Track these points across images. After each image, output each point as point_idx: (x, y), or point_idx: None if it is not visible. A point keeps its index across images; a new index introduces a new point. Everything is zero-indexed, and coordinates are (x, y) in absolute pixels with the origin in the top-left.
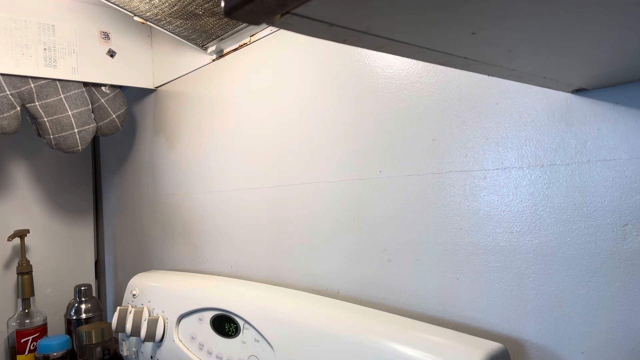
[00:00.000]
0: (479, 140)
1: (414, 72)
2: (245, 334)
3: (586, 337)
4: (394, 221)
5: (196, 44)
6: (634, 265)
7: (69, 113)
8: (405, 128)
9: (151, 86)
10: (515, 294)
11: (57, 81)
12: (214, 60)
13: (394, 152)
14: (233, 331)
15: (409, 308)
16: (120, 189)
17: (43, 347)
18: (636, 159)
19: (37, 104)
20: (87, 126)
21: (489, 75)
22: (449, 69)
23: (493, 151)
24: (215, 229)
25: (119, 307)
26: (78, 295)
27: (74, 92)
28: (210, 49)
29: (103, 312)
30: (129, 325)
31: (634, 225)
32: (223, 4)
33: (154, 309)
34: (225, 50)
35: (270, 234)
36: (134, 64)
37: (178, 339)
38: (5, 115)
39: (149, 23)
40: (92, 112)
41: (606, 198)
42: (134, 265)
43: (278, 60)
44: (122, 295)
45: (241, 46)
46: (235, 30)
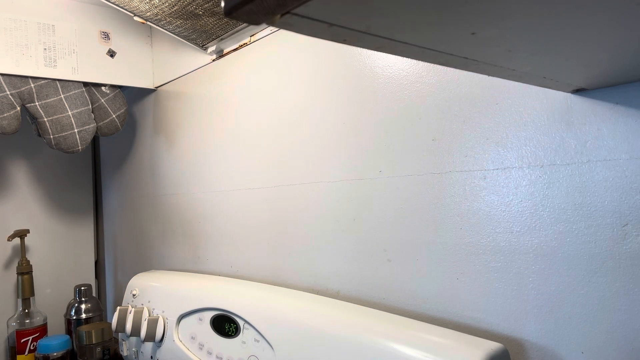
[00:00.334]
0: (479, 140)
1: (414, 72)
2: (245, 334)
3: (586, 337)
4: (394, 221)
5: (196, 44)
6: (634, 265)
7: (69, 113)
8: (405, 128)
9: (151, 86)
10: (515, 294)
11: (57, 81)
12: (214, 60)
13: (394, 152)
14: (233, 331)
15: (409, 308)
16: (120, 189)
17: (43, 347)
18: (636, 159)
19: (37, 104)
20: (87, 126)
21: (489, 75)
22: (449, 69)
23: (493, 151)
24: (215, 229)
25: (119, 307)
26: (78, 295)
27: (74, 92)
28: (210, 49)
29: (103, 312)
30: (129, 325)
31: (634, 225)
32: (223, 4)
33: (154, 309)
34: (225, 50)
35: (270, 234)
36: (134, 64)
37: (178, 339)
38: (5, 115)
39: (149, 23)
40: (92, 112)
41: (606, 198)
42: (134, 265)
43: (278, 61)
44: (122, 295)
45: (241, 46)
46: (235, 30)
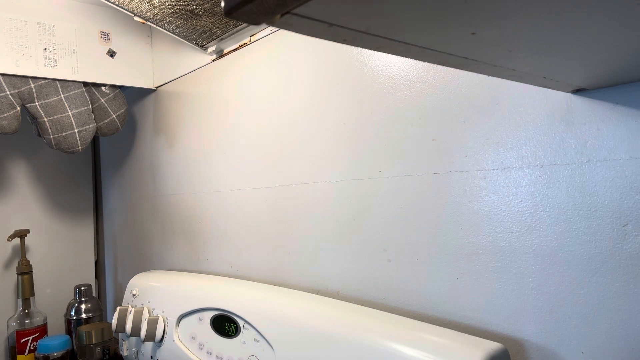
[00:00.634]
0: (479, 140)
1: (414, 72)
2: (245, 334)
3: (586, 337)
4: (394, 221)
5: (196, 44)
6: (634, 265)
7: (69, 113)
8: (406, 128)
9: (151, 86)
10: (515, 294)
11: (57, 81)
12: (214, 60)
13: (394, 152)
14: (233, 331)
15: (409, 308)
16: (120, 189)
17: (43, 347)
18: (636, 159)
19: (37, 104)
20: (87, 126)
21: (489, 75)
22: (449, 69)
23: (493, 151)
24: (215, 229)
25: (119, 307)
26: (78, 295)
27: (74, 92)
28: (210, 49)
29: (103, 312)
30: (129, 325)
31: (634, 225)
32: (223, 4)
33: (154, 309)
34: (225, 50)
35: (270, 234)
36: (134, 64)
37: (178, 339)
38: (5, 115)
39: (149, 23)
40: (92, 112)
41: (606, 198)
42: (134, 265)
43: (278, 61)
44: (122, 295)
45: (241, 46)
46: (235, 30)
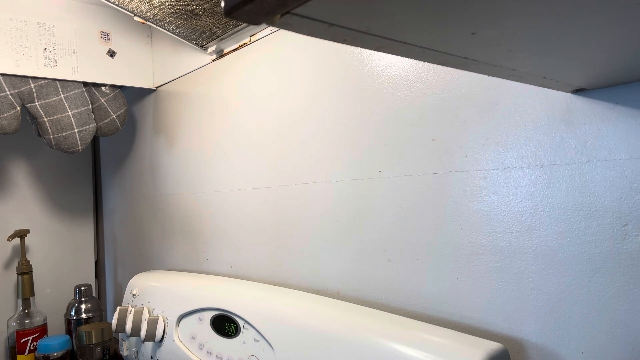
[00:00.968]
0: (479, 140)
1: (414, 72)
2: (245, 334)
3: (586, 337)
4: (394, 221)
5: (196, 44)
6: (634, 265)
7: (69, 113)
8: (406, 128)
9: (151, 86)
10: (515, 294)
11: (57, 81)
12: (214, 60)
13: (394, 152)
14: (233, 331)
15: (409, 308)
16: (120, 189)
17: (43, 347)
18: (636, 159)
19: (37, 104)
20: (87, 126)
21: (489, 75)
22: (449, 68)
23: (493, 151)
24: (215, 229)
25: (119, 307)
26: (78, 295)
27: (74, 92)
28: (210, 49)
29: (103, 312)
30: (129, 325)
31: (634, 225)
32: (223, 4)
33: (154, 309)
34: (225, 50)
35: (270, 234)
36: (134, 64)
37: (178, 339)
38: (5, 115)
39: (149, 23)
40: (92, 112)
41: (606, 198)
42: (134, 265)
43: (278, 60)
44: (122, 295)
45: (241, 46)
46: (235, 30)
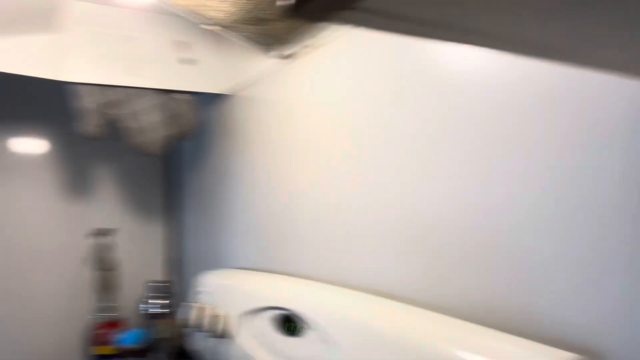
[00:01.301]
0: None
1: (483, 68)
2: (310, 334)
3: None
4: (456, 223)
5: (267, 49)
6: None
7: (149, 119)
8: (472, 126)
9: (222, 92)
10: (598, 303)
11: (138, 89)
12: (280, 64)
13: (457, 152)
14: (297, 330)
15: (483, 315)
16: (195, 190)
17: (122, 340)
18: None
19: (121, 111)
20: (165, 131)
21: (571, 66)
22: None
23: None
24: (280, 229)
25: (189, 304)
26: (153, 291)
27: (153, 99)
28: (276, 53)
29: (176, 308)
30: (196, 322)
31: None
32: (288, 3)
33: (220, 306)
34: (292, 54)
35: (338, 235)
36: (207, 71)
37: (243, 336)
38: (93, 122)
39: (222, 31)
40: (170, 118)
41: None
42: (205, 263)
43: (349, 60)
44: (194, 292)
45: (307, 49)
46: (303, 32)
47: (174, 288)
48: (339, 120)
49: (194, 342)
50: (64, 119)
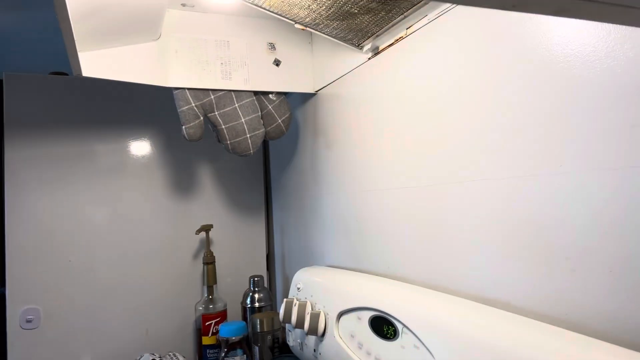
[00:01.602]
0: None
1: (603, 46)
2: (405, 338)
3: None
4: (580, 224)
5: (352, 44)
6: None
7: (242, 120)
8: (593, 113)
9: (311, 90)
10: None
11: (232, 92)
12: (369, 59)
13: (578, 143)
14: (392, 334)
15: (596, 326)
16: (286, 188)
17: (224, 331)
18: None
19: (217, 113)
20: (257, 131)
21: None
22: None
23: None
24: (372, 228)
25: (285, 299)
26: (252, 285)
27: (246, 101)
28: (366, 47)
29: (273, 302)
30: (293, 318)
31: None
32: None
33: (316, 304)
34: (381, 47)
35: (428, 235)
36: (296, 71)
37: (338, 335)
38: (191, 124)
39: (308, 29)
40: (262, 118)
41: None
42: (298, 259)
43: (436, 50)
44: (289, 287)
45: (397, 40)
46: (390, 24)
47: (272, 282)
48: (436, 112)
49: (292, 338)
50: (168, 123)
